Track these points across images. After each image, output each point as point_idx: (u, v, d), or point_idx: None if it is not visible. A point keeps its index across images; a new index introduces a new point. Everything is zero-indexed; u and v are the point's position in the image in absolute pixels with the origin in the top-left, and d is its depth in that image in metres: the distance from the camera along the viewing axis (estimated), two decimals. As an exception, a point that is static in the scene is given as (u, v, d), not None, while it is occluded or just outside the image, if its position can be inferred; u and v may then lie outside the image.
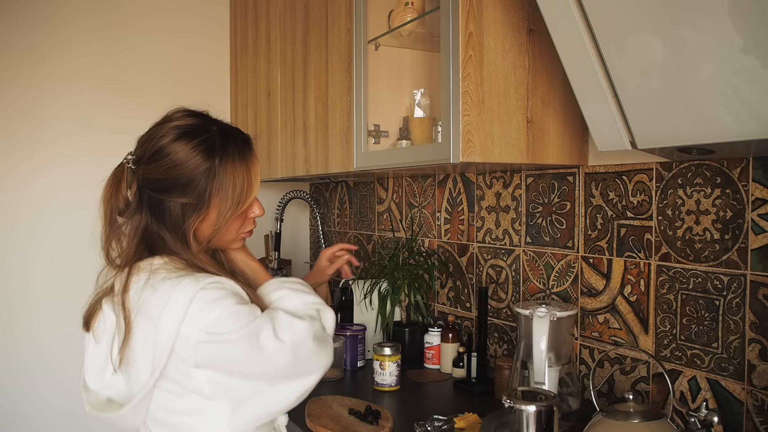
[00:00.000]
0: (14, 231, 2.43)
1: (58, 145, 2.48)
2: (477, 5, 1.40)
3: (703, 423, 1.15)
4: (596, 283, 1.58)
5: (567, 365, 1.46)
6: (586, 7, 1.03)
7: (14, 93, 2.41)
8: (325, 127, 2.02)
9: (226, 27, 2.81)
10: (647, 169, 1.45)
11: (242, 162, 1.14)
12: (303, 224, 3.06)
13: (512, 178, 1.82)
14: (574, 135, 1.57)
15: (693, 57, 0.93)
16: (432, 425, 1.41)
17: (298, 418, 1.51)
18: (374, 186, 2.50)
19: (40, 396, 2.45)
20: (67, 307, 2.49)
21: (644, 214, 1.46)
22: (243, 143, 1.16)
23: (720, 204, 1.31)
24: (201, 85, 2.75)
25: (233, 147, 1.13)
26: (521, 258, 1.80)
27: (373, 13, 1.79)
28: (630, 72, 1.04)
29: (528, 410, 1.12)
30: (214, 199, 1.11)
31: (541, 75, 1.50)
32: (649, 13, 0.96)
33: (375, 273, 2.06)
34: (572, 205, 1.64)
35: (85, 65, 2.51)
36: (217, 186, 1.11)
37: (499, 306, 1.89)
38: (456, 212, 2.05)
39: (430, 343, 1.94)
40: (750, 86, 0.89)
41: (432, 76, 1.86)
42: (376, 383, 1.74)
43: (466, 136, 1.40)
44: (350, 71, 1.83)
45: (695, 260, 1.36)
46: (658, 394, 1.44)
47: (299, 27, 2.19)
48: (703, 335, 1.34)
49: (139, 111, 2.62)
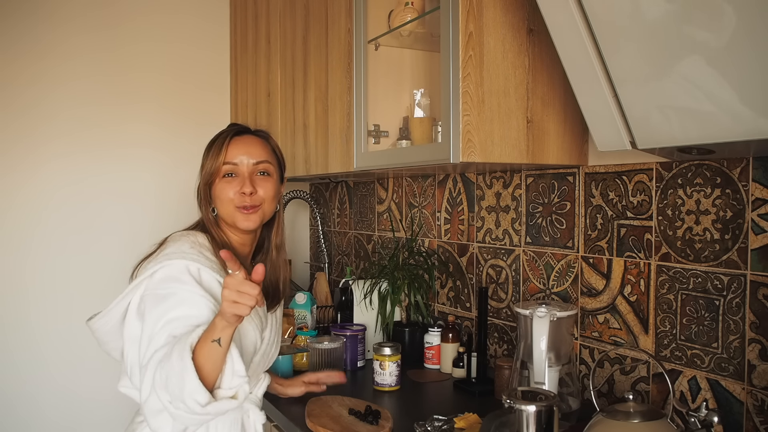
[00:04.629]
0: (14, 230, 2.43)
1: (57, 144, 2.48)
2: (477, 5, 1.40)
3: (703, 423, 1.15)
4: (596, 283, 1.58)
5: (567, 365, 1.46)
6: (586, 7, 1.03)
7: (13, 92, 2.41)
8: (325, 127, 2.02)
9: (226, 25, 2.81)
10: (647, 169, 1.45)
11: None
12: (303, 224, 3.06)
13: (512, 178, 1.83)
14: (574, 135, 1.57)
15: (693, 56, 0.93)
16: (432, 425, 1.41)
17: (298, 418, 1.51)
18: (374, 186, 2.50)
19: (40, 395, 2.45)
20: (66, 306, 2.50)
21: (644, 214, 1.46)
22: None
23: (720, 204, 1.31)
24: (201, 84, 2.75)
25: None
26: (521, 258, 1.80)
27: (373, 13, 1.79)
28: (630, 72, 1.04)
29: (528, 410, 1.12)
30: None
31: (541, 75, 1.50)
32: (650, 12, 0.95)
33: (375, 273, 2.06)
34: (572, 205, 1.64)
35: (84, 64, 2.51)
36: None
37: (499, 306, 1.89)
38: (456, 212, 2.05)
39: (430, 343, 1.94)
40: (750, 86, 0.89)
41: (432, 76, 1.86)
42: (376, 383, 1.74)
43: (466, 136, 1.40)
44: (350, 71, 1.83)
45: (695, 260, 1.36)
46: (658, 394, 1.44)
47: (299, 27, 2.19)
48: (703, 335, 1.34)
49: (138, 110, 2.63)
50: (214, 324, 1.12)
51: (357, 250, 2.64)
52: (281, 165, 1.46)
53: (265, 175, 1.39)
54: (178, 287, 1.22)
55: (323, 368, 1.84)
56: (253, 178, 1.37)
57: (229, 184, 1.35)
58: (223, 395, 1.16)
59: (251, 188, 1.35)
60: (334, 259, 2.83)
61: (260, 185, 1.37)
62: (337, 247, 2.80)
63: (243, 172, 1.36)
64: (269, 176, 1.39)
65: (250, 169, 1.37)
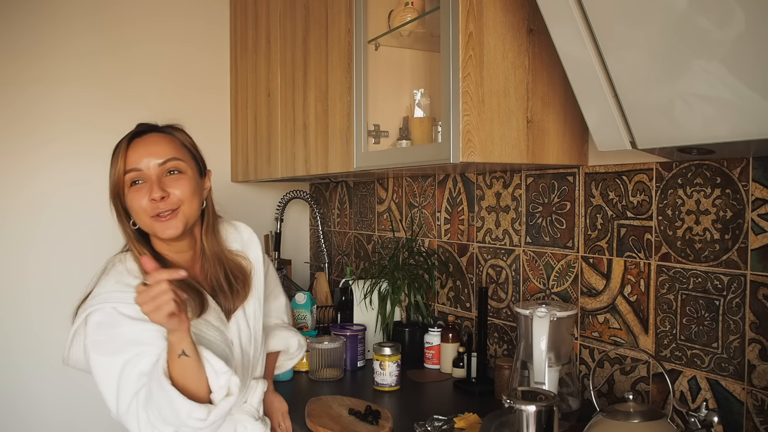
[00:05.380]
0: (14, 230, 2.43)
1: (57, 145, 2.48)
2: (477, 5, 1.40)
3: (703, 423, 1.15)
4: (596, 283, 1.58)
5: (567, 365, 1.46)
6: (586, 7, 1.03)
7: (13, 93, 2.41)
8: (325, 127, 2.02)
9: (226, 26, 2.81)
10: (647, 169, 1.45)
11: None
12: (303, 224, 3.06)
13: (512, 178, 1.83)
14: (574, 135, 1.57)
15: (693, 56, 0.93)
16: (432, 425, 1.41)
17: (298, 419, 1.51)
18: (374, 186, 2.50)
19: (40, 395, 2.45)
20: (67, 306, 2.48)
21: (644, 214, 1.46)
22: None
23: (720, 204, 1.31)
24: (201, 85, 2.75)
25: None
26: (521, 258, 1.80)
27: (373, 13, 1.79)
28: (630, 72, 1.04)
29: (528, 410, 1.12)
30: None
31: (541, 75, 1.50)
32: (650, 13, 0.95)
33: (375, 273, 2.06)
34: (572, 205, 1.64)
35: (84, 66, 2.51)
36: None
37: (499, 306, 1.89)
38: (456, 212, 2.05)
39: (430, 343, 1.94)
40: (750, 86, 0.89)
41: (432, 76, 1.86)
42: (376, 383, 1.74)
43: (466, 136, 1.40)
44: (350, 71, 1.83)
45: (695, 260, 1.36)
46: (658, 394, 1.44)
47: (299, 27, 2.19)
48: (703, 335, 1.34)
49: (138, 111, 2.61)
50: (170, 342, 1.11)
51: (357, 250, 2.64)
52: (196, 157, 1.34)
53: (176, 174, 1.26)
54: (116, 331, 1.19)
55: (323, 368, 1.85)
56: (162, 180, 1.24)
57: (138, 192, 1.23)
58: (218, 398, 1.16)
59: (161, 192, 1.22)
60: (334, 259, 2.83)
61: (172, 186, 1.25)
62: (337, 247, 2.80)
63: (150, 176, 1.24)
64: (181, 173, 1.27)
65: (156, 171, 1.24)
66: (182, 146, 1.31)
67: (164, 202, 1.23)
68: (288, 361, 1.59)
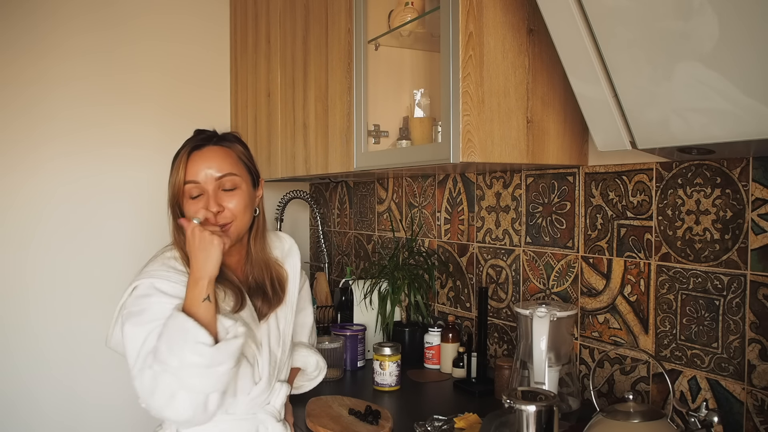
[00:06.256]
0: (14, 229, 2.43)
1: (57, 144, 2.48)
2: (477, 5, 1.40)
3: (703, 423, 1.15)
4: (596, 283, 1.58)
5: (567, 365, 1.46)
6: (586, 7, 1.03)
7: (13, 92, 2.41)
8: (325, 127, 2.02)
9: (226, 25, 2.81)
10: (647, 169, 1.45)
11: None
12: (303, 224, 3.06)
13: (512, 178, 1.83)
14: (574, 135, 1.57)
15: (693, 56, 0.93)
16: (432, 425, 1.41)
17: (298, 418, 1.51)
18: (374, 186, 2.50)
19: (40, 395, 2.45)
20: (66, 305, 2.50)
21: (644, 214, 1.46)
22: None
23: (720, 204, 1.31)
24: (201, 83, 2.75)
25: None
26: (521, 258, 1.80)
27: (373, 13, 1.79)
28: (630, 72, 1.04)
29: (528, 410, 1.12)
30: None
31: (541, 75, 1.50)
32: (650, 13, 0.95)
33: (375, 273, 2.06)
34: (572, 205, 1.64)
35: (84, 64, 2.51)
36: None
37: (499, 306, 1.89)
38: (456, 212, 2.05)
39: (430, 343, 1.94)
40: (750, 86, 0.89)
41: (432, 76, 1.86)
42: (376, 383, 1.74)
43: (466, 136, 1.40)
44: (350, 71, 1.83)
45: (695, 260, 1.36)
46: (658, 394, 1.44)
47: (299, 27, 2.19)
48: (703, 335, 1.34)
49: (138, 110, 2.63)
50: (199, 288, 1.19)
51: (357, 250, 2.64)
52: (251, 170, 1.40)
53: (232, 191, 1.33)
54: (148, 301, 1.25)
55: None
56: (219, 194, 1.31)
57: (196, 204, 1.31)
58: (224, 338, 1.20)
59: (217, 207, 1.30)
60: (334, 259, 2.83)
61: (227, 201, 1.32)
62: (337, 247, 2.80)
63: (207, 190, 1.31)
64: (237, 189, 1.33)
65: (213, 185, 1.31)
66: (238, 160, 1.37)
67: (219, 216, 1.31)
68: (307, 383, 1.61)
